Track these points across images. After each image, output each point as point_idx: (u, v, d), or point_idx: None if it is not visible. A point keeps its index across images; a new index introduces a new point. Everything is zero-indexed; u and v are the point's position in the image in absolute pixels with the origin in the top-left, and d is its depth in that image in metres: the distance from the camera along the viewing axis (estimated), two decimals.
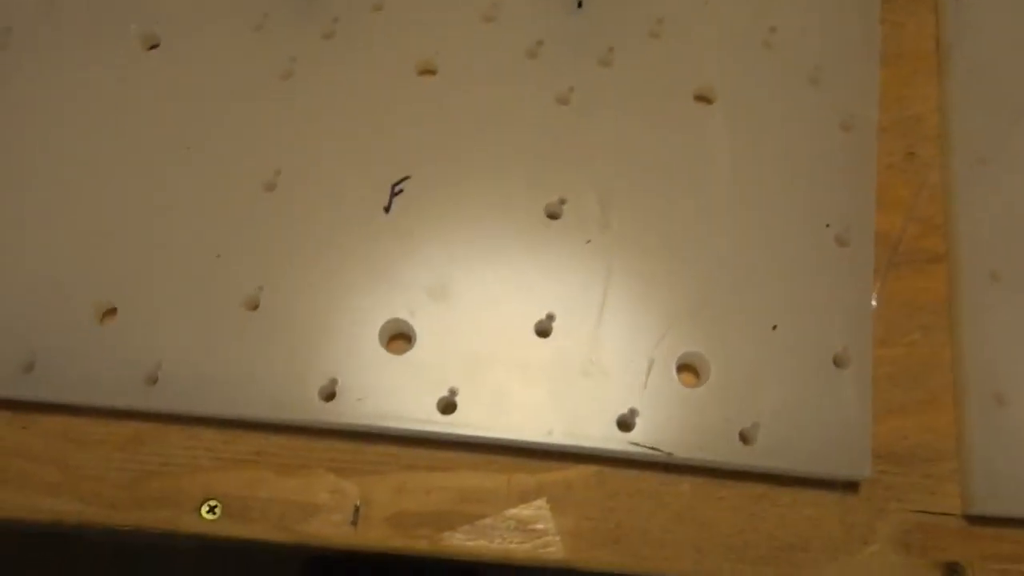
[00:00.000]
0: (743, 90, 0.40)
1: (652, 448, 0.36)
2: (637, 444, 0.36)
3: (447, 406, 0.36)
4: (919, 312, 0.40)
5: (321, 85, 0.40)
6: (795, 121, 0.40)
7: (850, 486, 0.37)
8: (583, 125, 0.40)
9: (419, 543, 0.36)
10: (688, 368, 0.38)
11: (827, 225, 0.39)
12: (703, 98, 0.41)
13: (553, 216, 0.39)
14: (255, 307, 0.37)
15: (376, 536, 0.36)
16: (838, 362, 0.37)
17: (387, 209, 0.38)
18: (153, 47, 0.41)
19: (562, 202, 0.39)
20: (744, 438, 0.36)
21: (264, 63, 0.40)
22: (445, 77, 0.40)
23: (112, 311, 0.37)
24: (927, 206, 0.41)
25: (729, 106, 0.40)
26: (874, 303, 0.39)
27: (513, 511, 0.36)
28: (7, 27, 0.41)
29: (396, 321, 0.37)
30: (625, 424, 0.36)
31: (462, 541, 0.36)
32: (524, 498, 0.36)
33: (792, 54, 0.41)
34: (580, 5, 0.41)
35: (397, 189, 0.38)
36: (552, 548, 0.36)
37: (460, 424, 0.36)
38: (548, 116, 0.40)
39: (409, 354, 0.37)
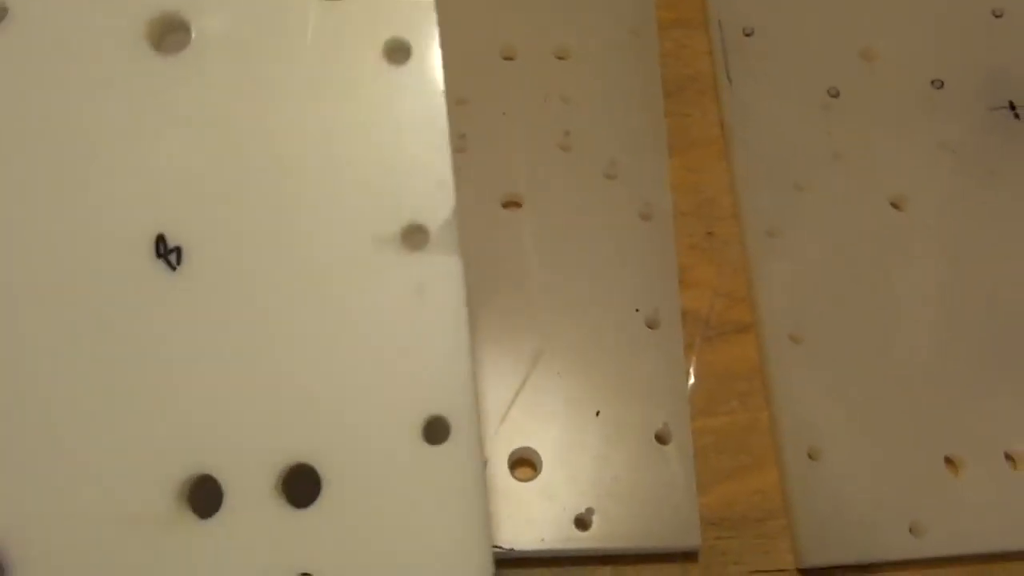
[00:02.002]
0: (546, 192, 0.43)
1: (493, 546, 0.37)
2: None
3: None
4: (735, 381, 0.42)
5: None
6: (596, 215, 0.43)
7: (690, 556, 0.39)
8: None
9: None
10: (523, 462, 0.39)
11: (636, 310, 0.41)
12: (512, 203, 0.43)
13: None
14: None
15: None
16: (660, 438, 0.39)
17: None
18: None
19: None
20: (581, 523, 0.38)
21: None
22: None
23: None
24: (731, 281, 0.44)
25: (535, 208, 0.43)
26: (692, 379, 0.41)
27: None
28: None
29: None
30: None
31: None
32: None
33: (587, 153, 0.44)
34: None
35: None
36: None
37: None
38: None
39: None
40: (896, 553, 0.38)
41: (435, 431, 0.30)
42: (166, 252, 0.30)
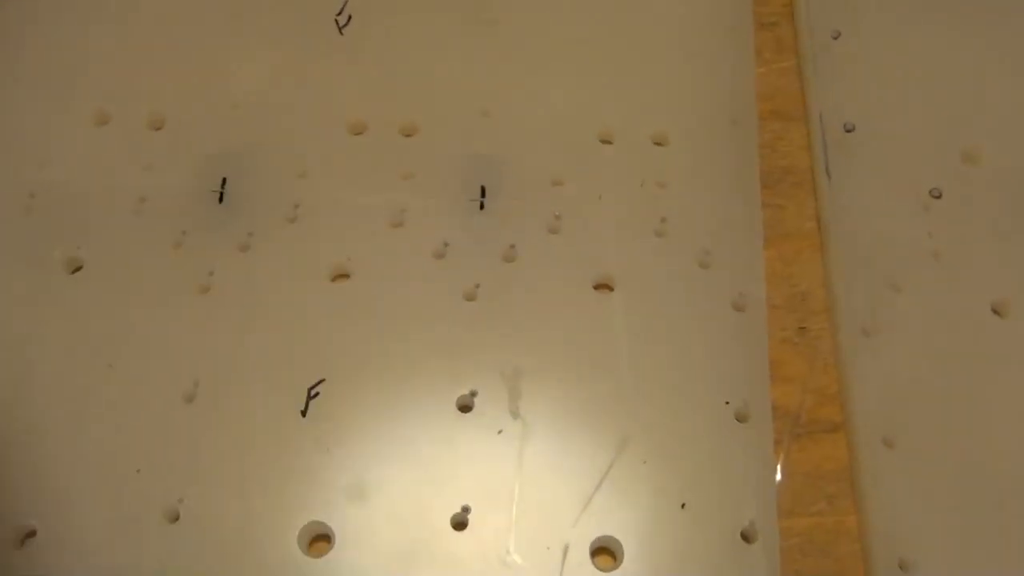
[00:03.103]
0: (639, 277, 0.43)
1: None
2: None
3: None
4: (823, 481, 0.41)
5: (238, 296, 0.42)
6: (689, 303, 0.43)
7: None
8: (490, 319, 0.42)
9: None
10: (604, 551, 0.39)
11: (727, 403, 0.41)
12: (603, 286, 0.43)
13: (465, 408, 0.40)
14: (175, 519, 0.38)
15: None
16: (746, 537, 0.39)
17: (304, 413, 0.40)
18: (76, 270, 0.43)
19: (473, 394, 0.40)
20: None
21: (183, 278, 0.42)
22: (357, 281, 0.43)
23: (32, 533, 0.38)
24: (822, 378, 0.43)
25: (627, 292, 0.43)
26: (779, 476, 0.41)
27: None
28: None
29: (315, 523, 0.38)
30: None
31: None
32: None
33: (682, 241, 0.44)
34: (482, 207, 0.44)
35: (313, 393, 0.40)
36: None
37: None
38: (456, 312, 0.42)
39: (329, 555, 0.37)
40: None
41: None
42: None
